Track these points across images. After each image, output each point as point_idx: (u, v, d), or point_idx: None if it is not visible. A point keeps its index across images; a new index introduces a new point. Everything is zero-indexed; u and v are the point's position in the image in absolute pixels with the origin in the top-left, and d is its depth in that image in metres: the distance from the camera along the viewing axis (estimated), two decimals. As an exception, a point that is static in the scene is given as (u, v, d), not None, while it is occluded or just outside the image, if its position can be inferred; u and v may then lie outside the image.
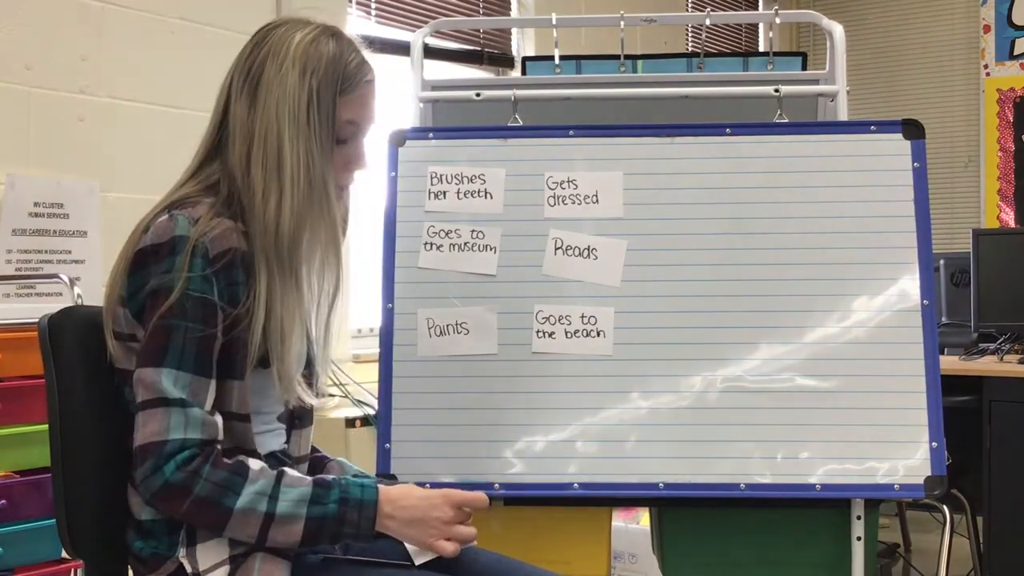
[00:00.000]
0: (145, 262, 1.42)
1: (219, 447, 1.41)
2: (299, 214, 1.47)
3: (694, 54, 2.53)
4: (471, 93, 2.27)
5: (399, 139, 2.16)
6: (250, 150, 1.47)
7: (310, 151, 1.48)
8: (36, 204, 2.65)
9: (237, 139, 1.49)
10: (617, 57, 2.43)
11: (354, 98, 1.52)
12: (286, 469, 1.46)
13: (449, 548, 1.46)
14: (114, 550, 1.49)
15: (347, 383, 3.44)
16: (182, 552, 1.41)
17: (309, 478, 1.45)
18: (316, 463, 1.66)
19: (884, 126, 2.12)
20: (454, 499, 1.48)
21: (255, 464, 1.42)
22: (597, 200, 2.10)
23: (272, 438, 1.54)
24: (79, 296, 2.36)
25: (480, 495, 1.51)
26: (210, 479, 1.36)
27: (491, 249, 2.09)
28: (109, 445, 1.49)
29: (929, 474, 1.96)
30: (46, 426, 1.46)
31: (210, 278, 1.40)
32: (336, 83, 1.50)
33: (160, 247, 1.41)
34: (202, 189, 1.49)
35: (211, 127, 1.54)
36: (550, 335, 2.05)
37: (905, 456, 1.97)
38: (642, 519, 3.13)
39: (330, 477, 1.47)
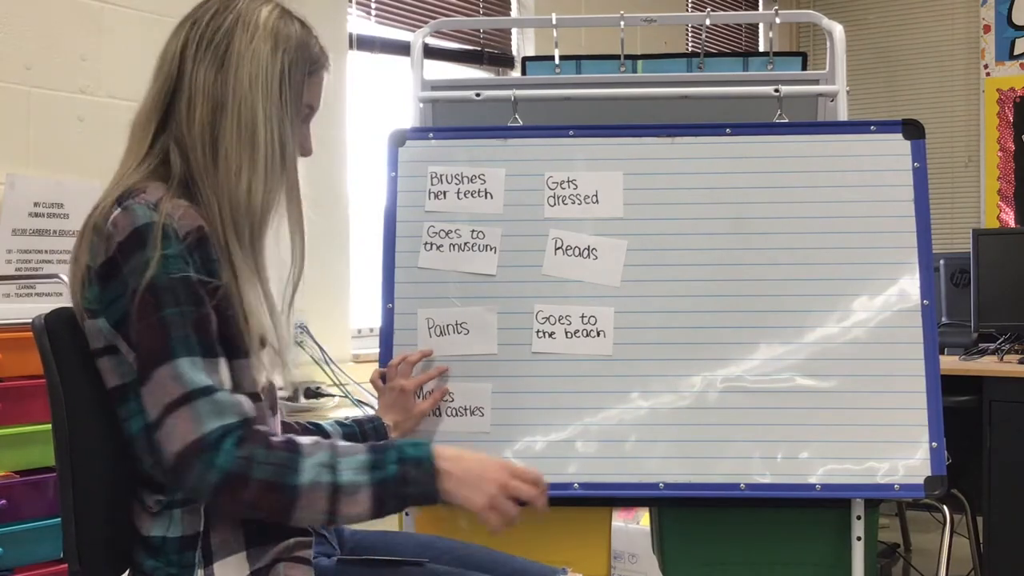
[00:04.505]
0: (115, 266, 1.33)
1: (261, 427, 1.31)
2: (271, 191, 1.42)
3: (694, 54, 2.53)
4: (471, 93, 2.27)
5: (399, 139, 2.16)
6: (217, 119, 1.40)
7: (283, 128, 1.43)
8: (36, 204, 2.64)
9: (199, 106, 1.40)
10: (617, 57, 2.43)
11: (315, 81, 1.50)
12: (335, 440, 1.39)
13: (494, 520, 1.38)
14: (121, 567, 1.43)
15: (347, 383, 3.44)
16: (200, 574, 1.34)
17: (361, 445, 1.37)
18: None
19: (884, 126, 2.12)
20: (510, 467, 1.42)
21: (306, 439, 1.33)
22: (597, 200, 2.11)
23: None
24: (79, 296, 2.35)
25: (535, 472, 1.43)
26: (267, 461, 1.27)
27: (491, 249, 2.09)
28: (116, 454, 1.41)
29: (929, 474, 1.96)
30: (46, 426, 1.44)
31: (186, 256, 1.32)
32: (305, 64, 1.47)
33: (125, 244, 1.32)
34: (148, 175, 1.41)
35: (158, 95, 1.44)
36: (550, 335, 2.05)
37: (905, 456, 1.97)
38: (642, 519, 3.13)
39: (382, 442, 1.41)
